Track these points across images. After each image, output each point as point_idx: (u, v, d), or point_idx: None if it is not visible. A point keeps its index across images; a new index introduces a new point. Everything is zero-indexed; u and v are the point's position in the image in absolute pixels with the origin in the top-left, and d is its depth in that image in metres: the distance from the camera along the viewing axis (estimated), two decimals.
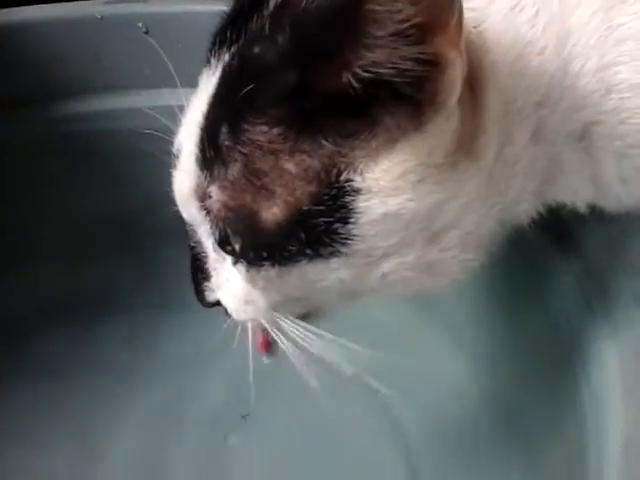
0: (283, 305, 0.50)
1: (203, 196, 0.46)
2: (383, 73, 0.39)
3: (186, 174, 0.47)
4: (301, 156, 0.42)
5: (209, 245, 0.50)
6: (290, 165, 0.43)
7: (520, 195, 0.48)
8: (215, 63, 0.45)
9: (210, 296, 0.52)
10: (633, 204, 0.51)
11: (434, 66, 0.40)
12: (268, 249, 0.45)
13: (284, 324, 0.50)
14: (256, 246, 0.45)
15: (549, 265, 0.65)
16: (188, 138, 0.46)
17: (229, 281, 0.50)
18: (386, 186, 0.43)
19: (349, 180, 0.43)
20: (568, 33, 0.44)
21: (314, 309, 0.52)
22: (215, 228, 0.47)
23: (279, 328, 0.50)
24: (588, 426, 0.59)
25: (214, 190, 0.45)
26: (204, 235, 0.49)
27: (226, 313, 0.52)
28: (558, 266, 0.65)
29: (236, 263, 0.48)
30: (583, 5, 0.44)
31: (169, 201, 0.49)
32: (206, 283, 0.52)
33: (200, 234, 0.50)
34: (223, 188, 0.44)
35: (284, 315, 0.50)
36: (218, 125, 0.44)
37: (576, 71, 0.45)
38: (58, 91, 0.77)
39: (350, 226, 0.43)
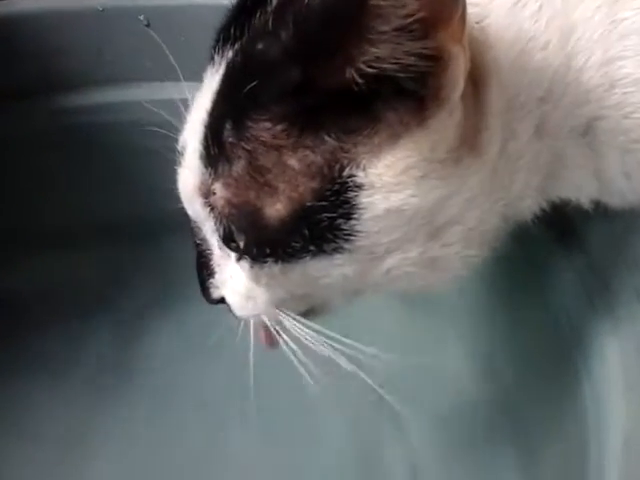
0: (286, 302, 0.50)
1: (207, 193, 0.46)
2: (387, 68, 0.39)
3: (191, 171, 0.47)
4: (304, 152, 0.42)
5: (214, 242, 0.50)
6: (293, 161, 0.43)
7: (524, 191, 0.48)
8: (219, 60, 0.45)
9: (215, 293, 0.52)
10: (636, 200, 0.51)
11: (437, 61, 0.40)
12: (271, 245, 0.45)
13: (285, 321, 0.50)
14: (260, 242, 0.45)
15: (550, 262, 0.65)
16: (192, 135, 0.46)
17: (233, 277, 0.50)
18: (389, 182, 0.42)
19: (352, 176, 0.43)
20: (572, 28, 0.44)
21: (317, 306, 0.52)
22: (219, 225, 0.47)
23: (280, 325, 0.50)
24: (589, 422, 0.59)
25: (218, 187, 0.45)
26: (209, 232, 0.49)
27: (230, 309, 0.52)
28: (559, 263, 0.65)
29: (240, 259, 0.48)
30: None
31: (171, 196, 0.49)
32: (211, 280, 0.52)
33: (205, 231, 0.50)
34: (227, 185, 0.44)
35: (286, 312, 0.50)
36: (222, 122, 0.44)
37: (580, 66, 0.45)
38: (59, 83, 0.77)
39: (353, 222, 0.43)
